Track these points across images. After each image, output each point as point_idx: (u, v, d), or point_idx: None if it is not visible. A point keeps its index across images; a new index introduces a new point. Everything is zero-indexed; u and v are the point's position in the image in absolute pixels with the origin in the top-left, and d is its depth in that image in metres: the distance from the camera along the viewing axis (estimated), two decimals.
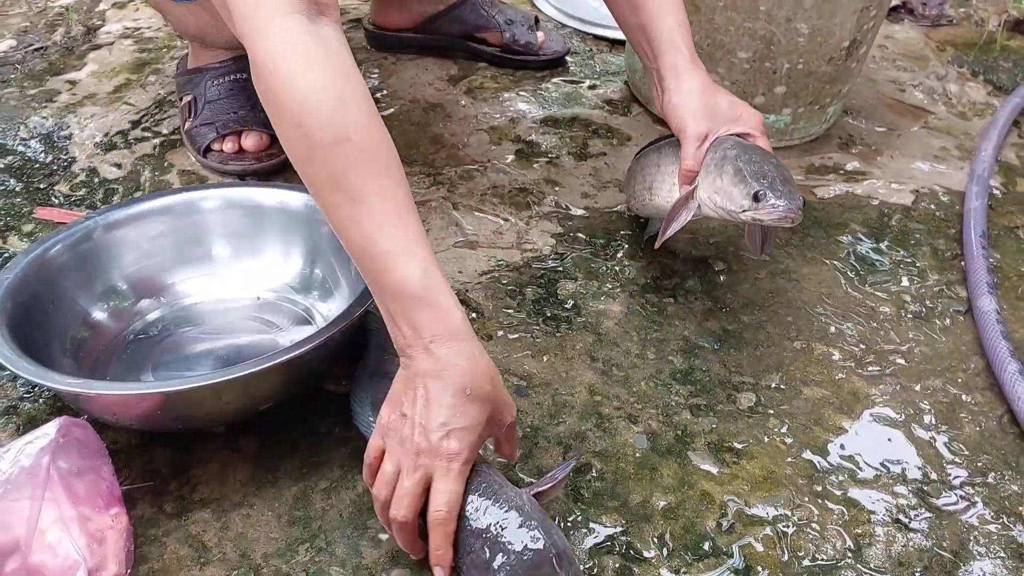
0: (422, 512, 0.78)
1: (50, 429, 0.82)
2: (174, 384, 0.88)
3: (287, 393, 0.96)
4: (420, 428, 0.77)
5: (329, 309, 1.07)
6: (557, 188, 1.34)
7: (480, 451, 0.82)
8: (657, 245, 1.08)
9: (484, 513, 0.77)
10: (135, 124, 1.46)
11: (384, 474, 0.79)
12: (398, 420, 0.79)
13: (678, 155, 1.06)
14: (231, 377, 0.87)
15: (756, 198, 0.95)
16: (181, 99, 1.39)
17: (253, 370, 0.86)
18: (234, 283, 1.11)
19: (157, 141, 1.41)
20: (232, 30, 0.83)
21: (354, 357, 0.99)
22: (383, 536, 0.86)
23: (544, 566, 0.73)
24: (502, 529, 0.76)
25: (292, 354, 0.88)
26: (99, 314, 1.05)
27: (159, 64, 1.62)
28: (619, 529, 0.88)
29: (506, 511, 0.77)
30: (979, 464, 0.97)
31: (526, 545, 0.74)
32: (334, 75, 0.79)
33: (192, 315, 1.09)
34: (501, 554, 0.74)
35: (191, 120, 1.35)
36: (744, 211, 0.96)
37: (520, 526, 0.75)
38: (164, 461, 0.94)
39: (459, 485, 0.77)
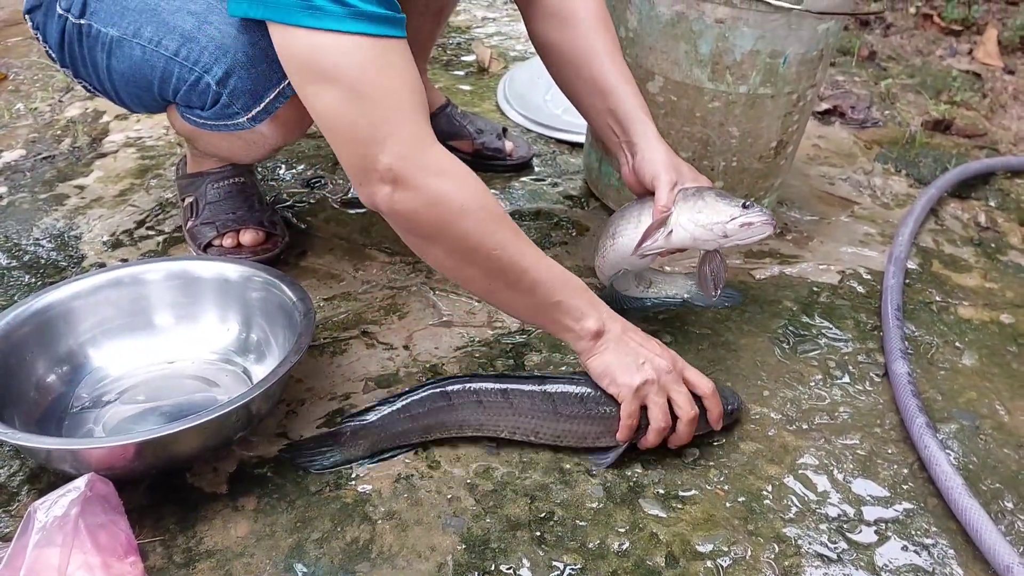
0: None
1: (80, 483, 0.94)
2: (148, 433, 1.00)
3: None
4: (657, 359, 1.11)
5: (264, 371, 1.19)
6: None
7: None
8: (633, 253, 1.25)
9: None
10: (140, 224, 1.60)
11: (659, 407, 1.10)
12: (640, 371, 1.10)
13: (639, 207, 1.26)
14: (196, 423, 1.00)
15: (745, 206, 1.17)
16: (183, 200, 1.54)
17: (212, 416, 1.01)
18: (177, 348, 1.26)
19: (160, 239, 1.56)
20: (360, 167, 1.03)
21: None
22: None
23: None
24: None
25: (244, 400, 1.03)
26: (51, 377, 1.18)
27: (160, 169, 1.78)
28: (578, 566, 1.00)
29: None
30: (892, 504, 1.10)
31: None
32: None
33: (138, 378, 1.22)
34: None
35: (193, 220, 1.50)
36: (733, 219, 1.17)
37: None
38: (173, 519, 1.05)
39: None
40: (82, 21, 1.26)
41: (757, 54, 1.39)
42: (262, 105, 1.22)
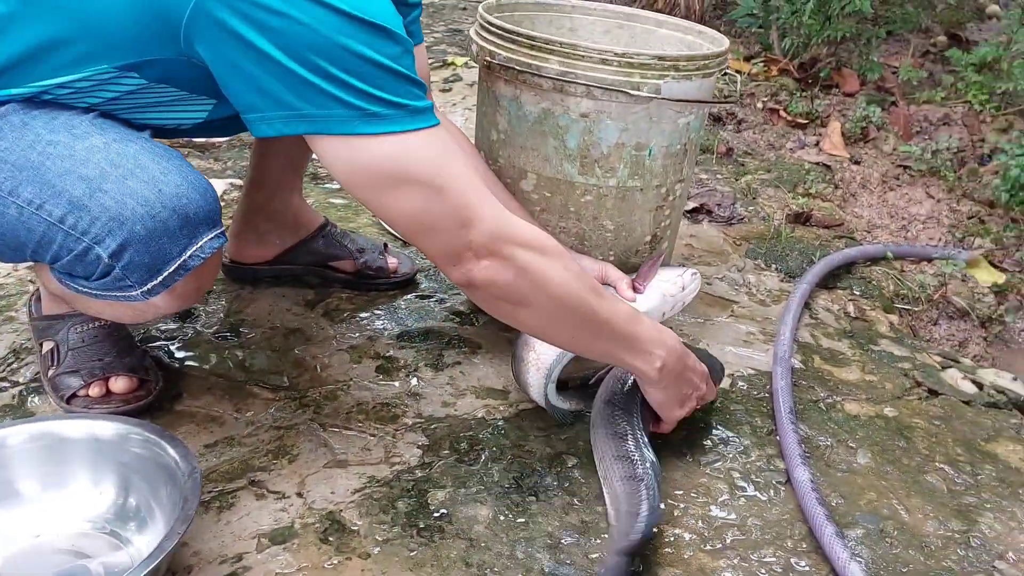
0: None
1: None
2: None
3: None
4: (699, 390, 1.32)
5: (147, 541, 1.09)
6: (419, 400, 1.44)
7: None
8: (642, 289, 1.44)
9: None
10: None
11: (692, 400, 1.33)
12: (686, 404, 1.31)
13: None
14: None
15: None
16: (41, 346, 1.42)
17: None
18: (44, 519, 1.14)
19: (15, 391, 1.42)
20: (452, 253, 1.09)
21: None
22: None
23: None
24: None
25: None
26: None
27: (11, 311, 1.64)
28: None
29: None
30: None
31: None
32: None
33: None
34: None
35: (54, 368, 1.38)
36: (681, 275, 1.49)
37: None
38: None
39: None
40: None
41: (623, 146, 1.44)
42: (159, 279, 1.13)
